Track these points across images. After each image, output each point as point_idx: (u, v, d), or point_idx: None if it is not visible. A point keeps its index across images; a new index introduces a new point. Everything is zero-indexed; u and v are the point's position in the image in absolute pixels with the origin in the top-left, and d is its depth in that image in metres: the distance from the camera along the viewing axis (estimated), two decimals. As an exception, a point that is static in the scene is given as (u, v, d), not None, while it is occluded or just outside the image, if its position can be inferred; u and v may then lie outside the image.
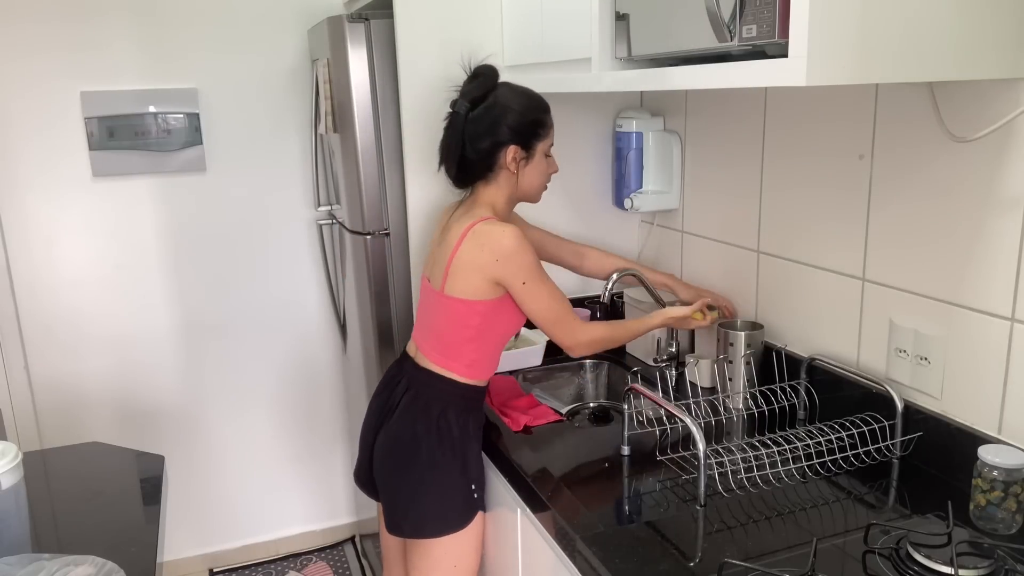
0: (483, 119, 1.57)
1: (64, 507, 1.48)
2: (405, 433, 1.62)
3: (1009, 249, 1.25)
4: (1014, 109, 1.20)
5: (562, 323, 1.59)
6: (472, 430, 1.64)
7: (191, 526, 2.88)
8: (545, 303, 1.58)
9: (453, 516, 1.62)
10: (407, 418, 1.63)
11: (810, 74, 1.00)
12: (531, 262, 1.56)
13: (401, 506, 1.64)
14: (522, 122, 1.58)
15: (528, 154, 1.60)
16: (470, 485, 1.62)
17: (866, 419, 1.47)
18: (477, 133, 1.57)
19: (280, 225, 2.76)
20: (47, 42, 2.40)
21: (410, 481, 1.62)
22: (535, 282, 1.56)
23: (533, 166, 1.63)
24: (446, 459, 1.60)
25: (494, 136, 1.57)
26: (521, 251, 1.55)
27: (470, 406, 1.64)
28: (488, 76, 1.60)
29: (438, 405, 1.61)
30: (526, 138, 1.59)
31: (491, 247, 1.54)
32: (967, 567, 1.06)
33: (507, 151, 1.58)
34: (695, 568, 1.14)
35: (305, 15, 2.62)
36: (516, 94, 1.60)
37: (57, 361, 2.59)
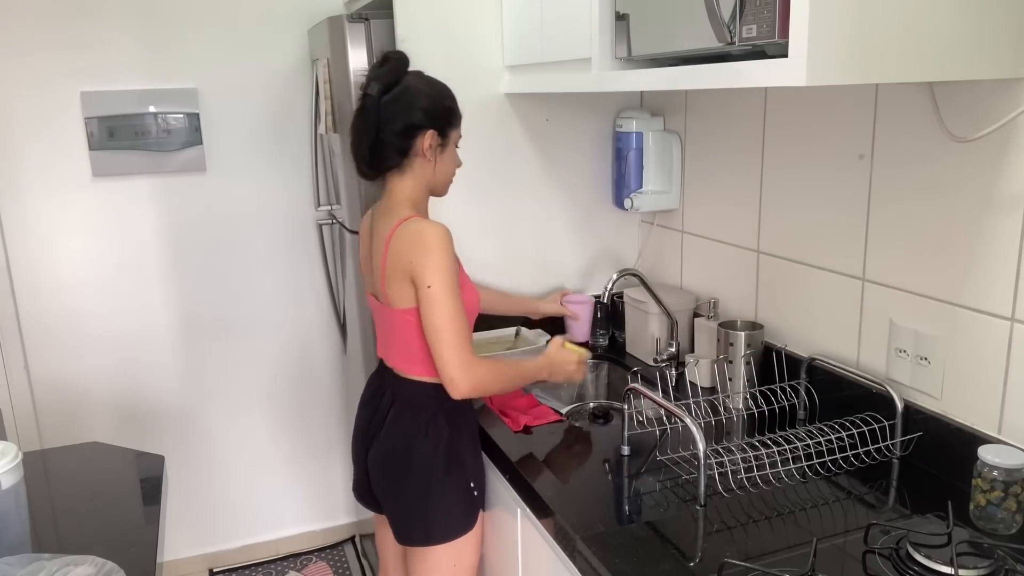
0: (398, 102, 1.51)
1: (64, 507, 1.48)
2: (397, 446, 1.60)
3: (1009, 249, 1.25)
4: (1014, 109, 1.20)
5: (454, 349, 1.46)
6: (464, 430, 1.62)
7: (191, 526, 2.88)
8: (444, 319, 1.46)
9: (458, 519, 1.60)
10: (397, 431, 1.61)
11: (810, 74, 1.00)
12: (445, 266, 1.46)
13: (407, 518, 1.62)
14: (437, 107, 1.54)
15: (443, 141, 1.56)
16: (469, 483, 1.61)
17: (866, 419, 1.47)
18: (392, 116, 1.51)
19: (280, 225, 2.76)
20: (47, 42, 2.40)
21: (412, 492, 1.59)
22: (441, 290, 1.46)
23: (448, 154, 1.59)
24: (442, 465, 1.58)
25: (410, 119, 1.51)
26: (441, 250, 1.47)
27: (457, 407, 1.60)
28: (399, 60, 1.54)
29: (425, 413, 1.59)
30: (442, 124, 1.54)
31: (412, 244, 1.48)
32: (967, 567, 1.06)
33: (424, 136, 1.52)
34: (695, 568, 1.14)
35: (305, 15, 2.62)
36: (427, 81, 1.57)
37: (57, 361, 2.59)
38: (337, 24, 2.10)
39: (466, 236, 2.12)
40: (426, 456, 1.57)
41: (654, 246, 2.25)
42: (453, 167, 1.62)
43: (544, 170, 2.16)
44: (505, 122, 2.09)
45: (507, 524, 1.62)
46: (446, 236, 1.48)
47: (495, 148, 2.10)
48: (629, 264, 2.29)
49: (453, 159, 1.61)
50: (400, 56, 1.55)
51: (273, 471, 2.95)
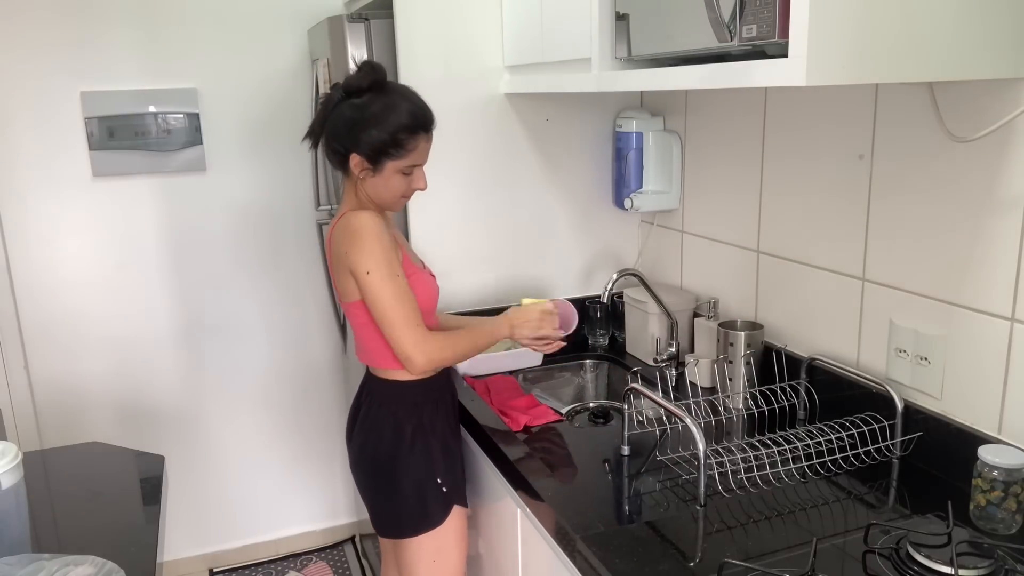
0: (344, 115, 1.51)
1: (64, 507, 1.48)
2: (367, 442, 1.65)
3: (1009, 249, 1.25)
4: (1014, 109, 1.20)
5: (403, 328, 1.48)
6: (429, 424, 1.63)
7: (191, 526, 2.88)
8: (388, 301, 1.48)
9: (424, 513, 1.63)
10: (365, 426, 1.65)
11: (810, 74, 1.00)
12: (377, 250, 1.47)
13: (375, 510, 1.68)
14: (377, 136, 1.48)
15: (374, 167, 1.52)
16: (435, 480, 1.62)
17: (866, 419, 1.47)
18: (335, 127, 1.52)
19: (280, 225, 2.76)
20: (47, 42, 2.40)
21: (377, 486, 1.65)
22: (377, 274, 1.47)
23: (380, 180, 1.53)
24: (405, 460, 1.61)
25: (344, 138, 1.51)
26: (367, 235, 1.47)
27: (421, 400, 1.63)
28: (371, 71, 1.51)
29: (389, 408, 1.62)
30: (375, 153, 1.50)
31: (344, 235, 1.50)
32: (967, 567, 1.06)
33: (352, 158, 1.51)
34: (695, 568, 1.14)
35: (305, 15, 2.62)
36: (390, 104, 1.50)
37: (57, 361, 2.59)
38: (337, 24, 2.10)
39: (466, 236, 2.12)
40: (388, 452, 1.61)
41: (654, 246, 2.25)
42: (389, 192, 1.56)
43: (544, 170, 2.16)
44: (505, 122, 2.09)
45: (507, 524, 1.62)
46: (373, 222, 1.48)
47: (495, 148, 2.10)
48: (629, 264, 2.29)
49: (389, 185, 1.54)
50: (371, 68, 1.52)
51: (273, 471, 2.95)
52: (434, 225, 2.07)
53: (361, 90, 1.51)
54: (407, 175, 1.55)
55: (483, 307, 2.12)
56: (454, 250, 2.12)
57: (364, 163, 1.52)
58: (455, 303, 2.11)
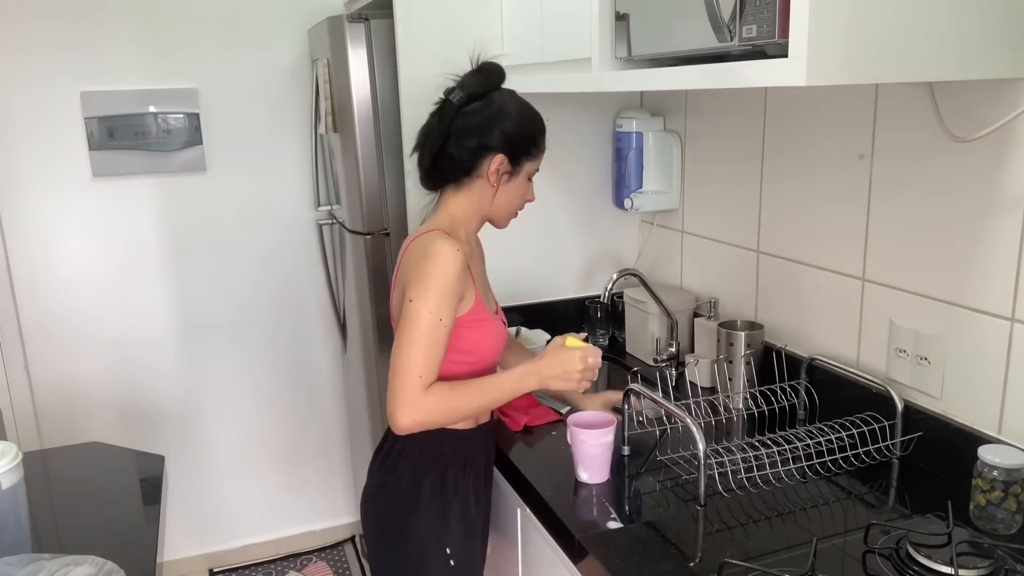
0: (477, 116, 1.40)
1: (64, 507, 1.48)
2: (382, 484, 1.47)
3: (1009, 249, 1.25)
4: (1014, 109, 1.20)
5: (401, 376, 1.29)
6: (452, 483, 1.44)
7: (191, 526, 2.88)
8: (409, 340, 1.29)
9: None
10: (385, 466, 1.46)
11: (810, 74, 1.00)
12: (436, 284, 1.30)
13: (373, 563, 1.52)
14: (519, 133, 1.41)
15: (514, 170, 1.43)
16: (444, 549, 1.44)
17: (866, 419, 1.47)
18: (467, 129, 1.39)
19: (280, 225, 2.76)
20: (47, 42, 2.40)
21: (381, 537, 1.48)
22: (420, 309, 1.29)
23: (514, 185, 1.44)
24: (416, 517, 1.43)
25: (484, 138, 1.39)
26: (434, 260, 1.31)
27: (450, 453, 1.44)
28: (493, 74, 1.44)
29: (412, 453, 1.43)
30: (517, 151, 1.42)
31: (418, 254, 1.34)
32: (967, 567, 1.06)
33: (493, 159, 1.40)
34: (695, 568, 1.14)
35: (305, 15, 2.62)
36: (518, 103, 1.45)
37: (57, 361, 2.59)
38: (337, 24, 2.10)
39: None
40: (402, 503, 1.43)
41: (654, 246, 2.25)
42: (519, 200, 1.47)
43: (544, 170, 2.14)
44: (505, 122, 2.08)
45: (507, 524, 1.62)
46: (454, 257, 1.31)
47: (495, 148, 2.09)
48: (629, 264, 2.29)
49: (521, 192, 1.46)
50: (496, 68, 1.43)
51: (273, 471, 2.95)
52: (434, 225, 2.07)
53: (486, 94, 1.42)
54: (529, 182, 1.48)
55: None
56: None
57: (506, 163, 1.41)
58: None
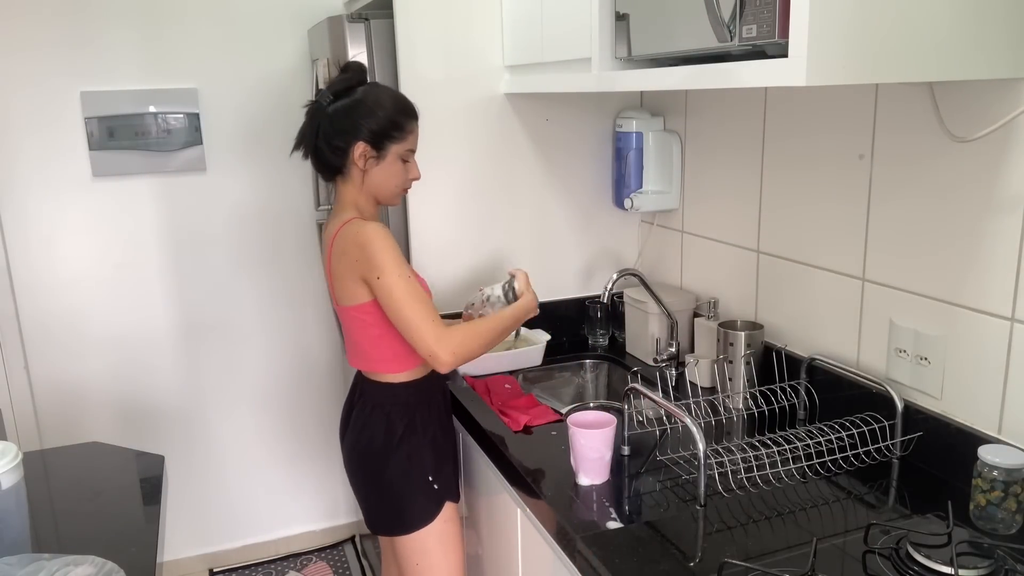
0: (340, 113, 1.56)
1: (64, 507, 1.48)
2: (358, 441, 1.67)
3: (1009, 249, 1.25)
4: (1014, 109, 1.20)
5: (423, 325, 1.49)
6: (421, 425, 1.65)
7: (191, 526, 2.88)
8: (404, 300, 1.49)
9: (416, 512, 1.65)
10: (356, 426, 1.68)
11: (810, 74, 1.00)
12: (386, 256, 1.50)
13: (369, 510, 1.71)
14: (377, 119, 1.55)
15: (379, 153, 1.57)
16: (427, 478, 1.65)
17: (866, 419, 1.47)
18: (332, 127, 1.56)
19: (280, 225, 2.76)
20: (47, 42, 2.40)
21: (370, 486, 1.68)
22: (389, 277, 1.49)
23: (383, 167, 1.58)
24: (396, 459, 1.63)
25: (346, 131, 1.55)
26: (375, 241, 1.50)
27: (412, 401, 1.65)
28: (355, 72, 1.59)
29: (381, 409, 1.65)
30: (378, 137, 1.56)
31: (352, 244, 1.53)
32: (967, 567, 1.06)
33: (356, 147, 1.55)
34: (695, 568, 1.14)
35: (305, 15, 2.62)
36: (379, 94, 1.59)
37: (57, 361, 2.59)
38: (337, 24, 2.10)
39: (465, 236, 2.12)
40: (379, 450, 1.64)
41: (654, 246, 2.25)
42: (392, 179, 1.61)
43: (544, 170, 2.16)
44: (505, 122, 2.09)
45: (507, 524, 1.62)
46: (382, 229, 1.52)
47: (495, 148, 2.10)
48: (629, 264, 2.29)
49: (391, 171, 1.60)
50: (358, 67, 1.60)
51: (273, 471, 2.95)
52: (433, 225, 2.07)
53: (350, 89, 1.58)
54: (405, 162, 1.61)
55: (483, 307, 2.12)
56: (453, 250, 2.12)
57: (369, 150, 1.56)
58: (455, 303, 2.11)
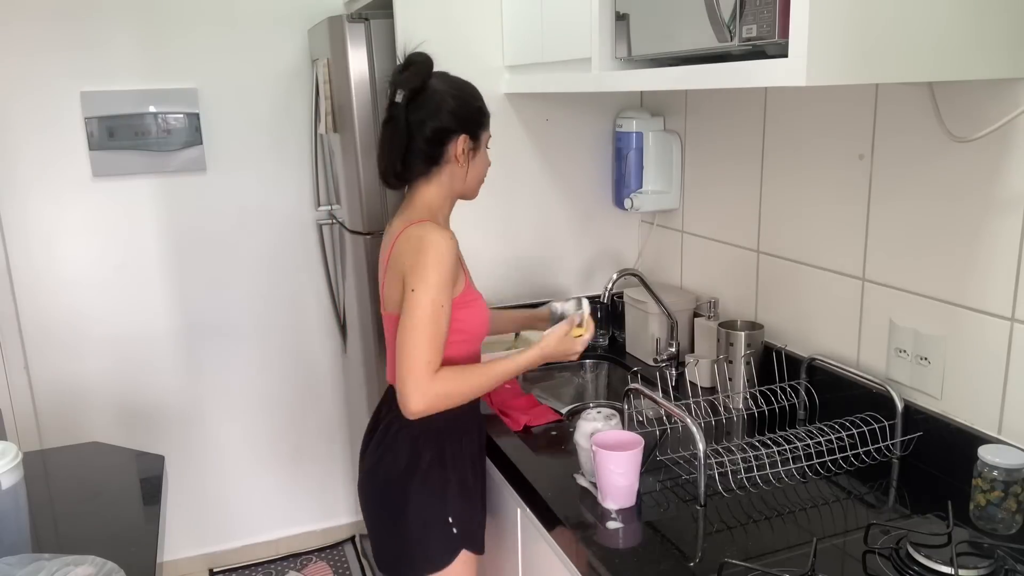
0: (426, 108, 1.43)
1: (64, 507, 1.48)
2: (380, 462, 1.52)
3: (1009, 249, 1.25)
4: (1014, 109, 1.20)
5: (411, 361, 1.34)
6: (451, 458, 1.50)
7: (191, 526, 2.88)
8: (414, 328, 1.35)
9: (427, 554, 1.50)
10: (382, 445, 1.53)
11: (810, 74, 1.00)
12: (434, 274, 1.36)
13: (377, 542, 1.56)
14: (466, 109, 1.47)
15: (476, 144, 1.49)
16: (447, 519, 1.49)
17: (866, 419, 1.47)
18: (422, 123, 1.43)
19: (280, 225, 2.76)
20: (47, 42, 2.40)
21: (383, 514, 1.53)
22: (423, 298, 1.35)
23: (480, 157, 1.51)
24: (417, 491, 1.48)
25: (442, 124, 1.44)
26: (431, 251, 1.37)
27: (445, 429, 1.49)
28: (422, 64, 1.45)
29: (409, 431, 1.48)
30: (473, 126, 1.48)
31: (414, 247, 1.39)
32: (967, 567, 1.06)
33: (457, 141, 1.45)
34: (695, 568, 1.14)
35: (305, 15, 2.62)
36: (454, 82, 1.49)
37: (57, 361, 2.59)
38: (337, 24, 2.10)
39: (465, 236, 2.11)
40: (399, 477, 1.48)
41: (654, 246, 2.25)
42: (485, 169, 1.55)
43: (544, 170, 2.16)
44: (505, 122, 2.09)
45: (507, 524, 1.62)
46: (448, 245, 1.38)
47: (495, 148, 2.08)
48: (629, 264, 2.29)
49: (485, 161, 1.54)
50: (423, 59, 1.45)
51: (273, 471, 2.95)
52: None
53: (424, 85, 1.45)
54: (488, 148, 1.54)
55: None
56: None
57: (467, 140, 1.46)
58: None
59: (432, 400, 1.36)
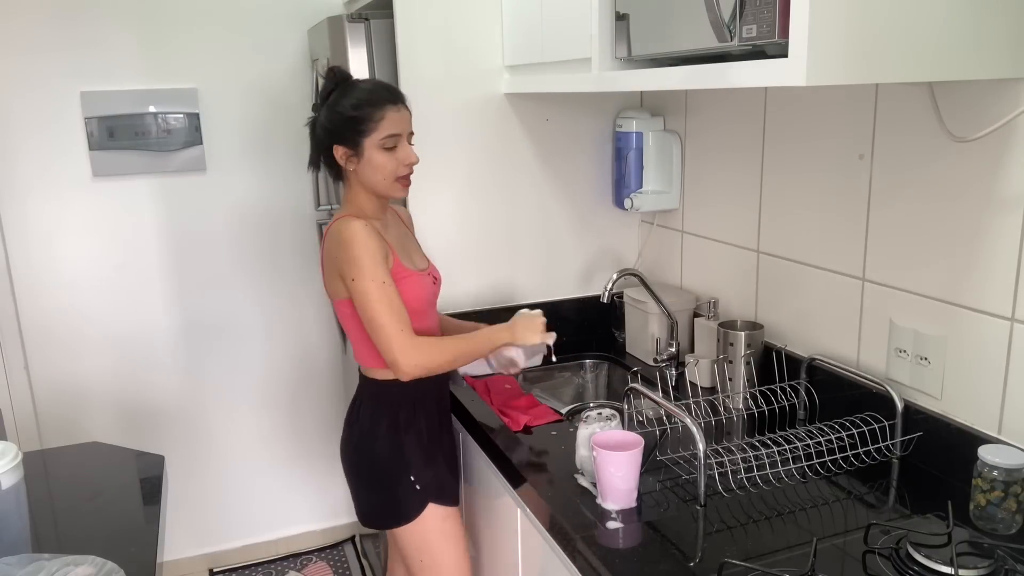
0: (320, 121, 1.59)
1: (64, 507, 1.48)
2: (349, 435, 1.71)
3: (1009, 249, 1.25)
4: (1014, 109, 1.20)
5: (389, 333, 1.49)
6: (405, 422, 1.65)
7: (191, 526, 2.87)
8: (375, 305, 1.49)
9: (395, 509, 1.67)
10: (349, 420, 1.72)
11: (810, 74, 1.00)
12: (364, 257, 1.49)
13: (356, 501, 1.75)
14: (337, 120, 1.54)
15: (355, 151, 1.55)
16: (408, 476, 1.65)
17: (866, 419, 1.47)
18: (317, 136, 1.60)
19: (280, 225, 2.76)
20: (47, 42, 2.40)
21: (354, 477, 1.72)
22: (364, 280, 1.49)
23: (365, 163, 1.56)
24: (378, 454, 1.65)
25: (324, 137, 1.57)
26: (355, 242, 1.49)
27: (398, 400, 1.65)
28: (330, 77, 1.59)
29: (369, 405, 1.68)
30: (349, 135, 1.54)
31: (336, 241, 1.53)
32: (967, 567, 1.06)
33: (335, 151, 1.56)
34: (695, 568, 1.14)
35: (305, 15, 2.62)
36: (343, 93, 1.56)
37: (57, 361, 2.59)
38: (337, 24, 2.10)
39: (465, 236, 2.12)
40: (362, 443, 1.67)
41: (654, 246, 2.25)
42: (379, 171, 1.56)
43: (544, 170, 2.16)
44: (505, 122, 2.09)
45: (507, 524, 1.62)
46: (360, 230, 1.50)
47: (495, 148, 2.10)
48: (629, 264, 2.29)
49: (376, 164, 1.55)
50: (331, 73, 1.59)
51: (273, 471, 2.95)
52: (433, 225, 2.07)
53: (330, 93, 1.58)
54: (390, 150, 1.55)
55: (483, 307, 2.12)
56: (453, 250, 2.12)
57: (346, 151, 1.56)
58: (454, 304, 2.11)
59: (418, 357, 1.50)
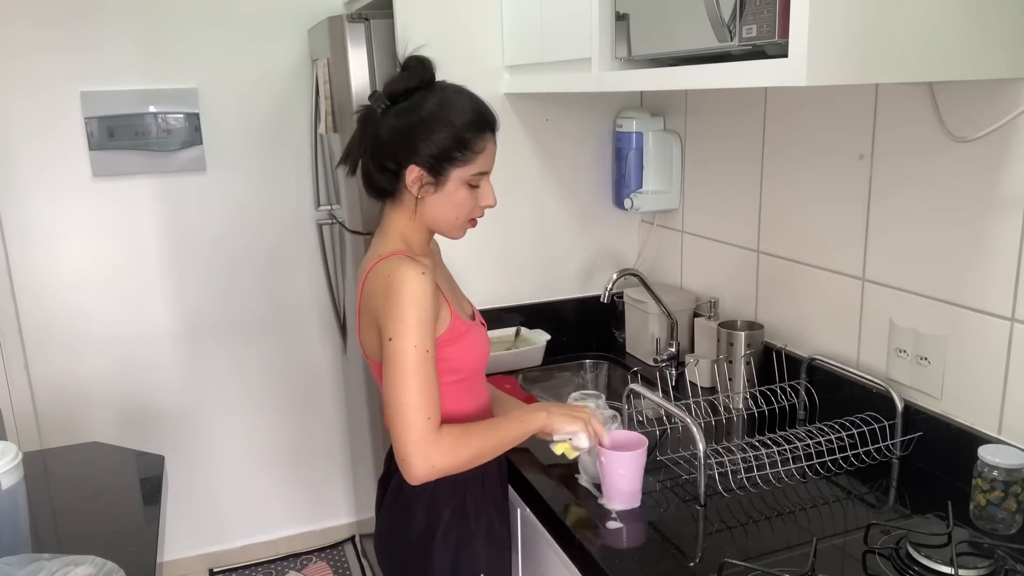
0: (392, 123, 1.25)
1: (64, 507, 1.48)
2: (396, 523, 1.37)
3: (1009, 249, 1.25)
4: (1014, 109, 1.20)
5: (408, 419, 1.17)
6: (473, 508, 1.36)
7: (191, 526, 2.88)
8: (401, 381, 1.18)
9: None
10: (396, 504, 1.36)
11: (810, 74, 1.00)
12: (407, 311, 1.18)
13: None
14: (437, 139, 1.23)
15: (437, 179, 1.25)
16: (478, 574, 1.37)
17: (866, 419, 1.47)
18: (382, 140, 1.25)
19: (280, 225, 2.76)
20: (47, 42, 2.40)
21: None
22: (402, 346, 1.18)
23: (443, 196, 1.27)
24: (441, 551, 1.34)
25: (398, 149, 1.24)
26: (402, 292, 1.18)
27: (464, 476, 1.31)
28: (416, 70, 1.26)
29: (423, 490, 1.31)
30: (437, 159, 1.24)
31: (381, 288, 1.22)
32: (967, 567, 1.06)
33: (409, 171, 1.25)
34: (695, 568, 1.14)
35: (305, 15, 2.62)
36: (447, 99, 1.25)
37: (57, 361, 2.59)
38: (337, 24, 2.10)
39: (465, 237, 2.12)
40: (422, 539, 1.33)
41: (654, 246, 2.25)
42: (454, 210, 1.29)
43: (544, 170, 2.16)
44: (505, 122, 2.07)
45: (507, 524, 1.61)
46: (415, 279, 1.20)
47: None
48: (629, 264, 2.29)
49: (454, 201, 1.28)
50: (419, 63, 1.27)
51: (273, 471, 2.95)
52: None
53: (409, 92, 1.26)
54: (474, 188, 1.28)
55: (482, 308, 2.12)
56: (453, 251, 2.11)
57: (425, 175, 1.24)
58: (455, 303, 2.11)
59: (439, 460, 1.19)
